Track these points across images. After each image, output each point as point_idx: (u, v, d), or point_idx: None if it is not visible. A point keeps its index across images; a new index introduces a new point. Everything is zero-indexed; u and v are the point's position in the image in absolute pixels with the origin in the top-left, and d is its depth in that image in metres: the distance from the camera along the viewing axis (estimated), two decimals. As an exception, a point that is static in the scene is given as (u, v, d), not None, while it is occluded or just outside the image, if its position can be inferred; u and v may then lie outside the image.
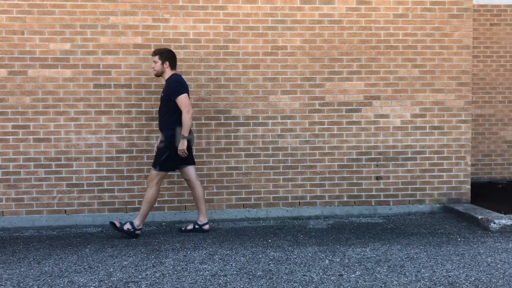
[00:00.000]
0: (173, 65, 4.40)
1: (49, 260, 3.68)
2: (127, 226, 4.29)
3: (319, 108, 5.11)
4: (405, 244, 3.99)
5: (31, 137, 4.81)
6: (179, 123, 4.29)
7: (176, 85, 4.28)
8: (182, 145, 4.26)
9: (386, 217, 5.10)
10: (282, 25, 5.02)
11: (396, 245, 3.96)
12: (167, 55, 4.35)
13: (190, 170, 4.47)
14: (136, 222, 4.30)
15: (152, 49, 4.88)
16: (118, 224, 4.28)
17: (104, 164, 4.90)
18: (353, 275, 3.19)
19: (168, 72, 4.38)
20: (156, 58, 4.34)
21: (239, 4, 4.96)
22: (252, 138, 5.07)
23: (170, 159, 4.29)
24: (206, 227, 4.50)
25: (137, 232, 4.31)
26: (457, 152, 5.27)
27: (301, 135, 5.11)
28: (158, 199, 4.96)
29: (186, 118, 4.24)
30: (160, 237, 4.36)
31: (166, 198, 4.98)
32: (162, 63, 4.34)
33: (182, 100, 4.25)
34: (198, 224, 4.50)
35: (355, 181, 5.18)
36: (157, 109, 4.93)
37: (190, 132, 4.35)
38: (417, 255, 3.64)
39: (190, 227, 4.52)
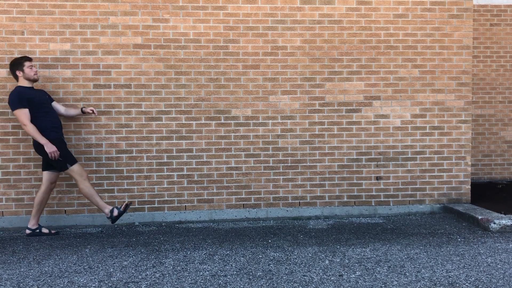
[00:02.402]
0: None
1: (49, 260, 3.67)
2: None
3: (319, 108, 5.11)
4: (405, 244, 3.98)
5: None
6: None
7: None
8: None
9: (386, 217, 5.10)
10: (282, 25, 5.02)
11: (396, 245, 3.96)
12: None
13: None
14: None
15: (152, 49, 4.89)
16: None
17: (104, 164, 4.90)
18: (353, 276, 3.19)
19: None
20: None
21: (239, 4, 4.96)
22: (252, 138, 5.07)
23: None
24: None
25: None
26: (457, 152, 5.27)
27: (301, 135, 5.11)
28: (158, 199, 4.97)
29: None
30: (160, 237, 4.36)
31: (166, 198, 4.98)
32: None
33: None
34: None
35: (355, 181, 5.18)
36: (157, 109, 4.93)
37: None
38: (417, 255, 3.64)
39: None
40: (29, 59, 4.45)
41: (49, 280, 3.20)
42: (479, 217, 4.52)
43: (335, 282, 3.06)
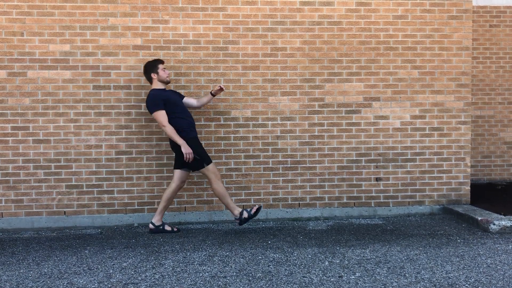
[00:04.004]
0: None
1: (48, 262, 3.67)
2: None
3: (319, 109, 5.11)
4: (405, 245, 3.98)
5: (30, 138, 4.80)
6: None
7: None
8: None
9: (385, 219, 5.10)
10: (281, 27, 5.03)
11: (396, 246, 3.96)
12: None
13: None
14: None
15: (152, 50, 4.89)
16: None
17: (104, 165, 4.90)
18: (353, 277, 3.19)
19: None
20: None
21: (239, 6, 4.97)
22: (252, 140, 5.07)
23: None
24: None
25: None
26: (457, 153, 5.27)
27: (301, 137, 5.11)
28: (157, 200, 4.96)
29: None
30: (159, 239, 4.36)
31: (166, 199, 4.98)
32: None
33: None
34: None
35: (354, 182, 5.18)
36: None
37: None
38: (417, 257, 3.63)
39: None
40: (162, 62, 4.53)
41: (48, 282, 3.19)
42: (479, 218, 4.52)
43: (335, 283, 3.06)
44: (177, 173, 4.53)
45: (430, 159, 5.25)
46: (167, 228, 4.57)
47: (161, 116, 4.35)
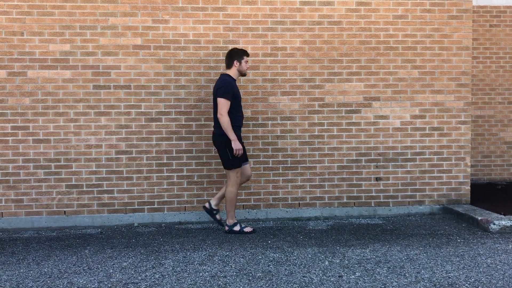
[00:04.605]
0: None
1: (48, 261, 3.67)
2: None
3: (319, 109, 5.11)
4: (405, 245, 3.98)
5: (30, 138, 4.80)
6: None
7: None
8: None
9: (385, 218, 5.10)
10: (281, 26, 5.03)
11: (396, 246, 3.96)
12: None
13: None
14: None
15: (152, 50, 4.89)
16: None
17: (104, 165, 4.90)
18: (353, 276, 3.19)
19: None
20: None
21: (239, 5, 4.97)
22: (252, 139, 5.06)
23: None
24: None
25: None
26: (457, 153, 5.27)
27: (301, 136, 5.11)
28: (157, 200, 4.97)
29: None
30: (159, 238, 4.36)
31: (166, 199, 4.98)
32: None
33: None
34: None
35: (354, 182, 5.18)
36: (157, 110, 4.93)
37: None
38: (417, 256, 3.63)
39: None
40: (248, 55, 4.50)
41: (48, 281, 3.19)
42: (479, 218, 4.52)
43: (335, 283, 3.06)
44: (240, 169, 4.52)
45: (430, 158, 5.25)
46: (241, 228, 4.53)
47: (226, 105, 4.26)
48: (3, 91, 4.76)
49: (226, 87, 4.26)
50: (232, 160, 4.34)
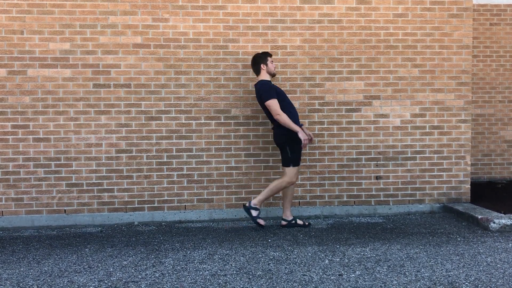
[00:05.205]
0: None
1: (48, 260, 3.67)
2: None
3: (319, 107, 5.11)
4: (405, 243, 3.99)
5: (30, 136, 4.80)
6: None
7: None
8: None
9: (385, 217, 5.10)
10: (281, 25, 5.02)
11: (396, 244, 3.96)
12: None
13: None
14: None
15: (152, 49, 4.88)
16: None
17: (104, 163, 4.90)
18: (353, 275, 3.19)
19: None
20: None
21: (239, 4, 4.96)
22: (252, 138, 5.06)
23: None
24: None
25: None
26: (457, 151, 5.27)
27: (301, 135, 5.10)
28: (158, 199, 4.97)
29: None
30: (159, 237, 4.36)
31: (166, 198, 4.98)
32: None
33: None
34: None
35: (354, 180, 5.18)
36: (157, 109, 4.93)
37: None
38: (417, 255, 3.64)
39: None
40: (270, 55, 4.61)
41: (48, 280, 3.20)
42: (479, 217, 4.53)
43: (335, 282, 3.06)
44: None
45: (430, 157, 5.25)
46: (299, 222, 4.64)
47: (276, 104, 4.36)
48: (3, 90, 4.76)
49: (266, 89, 4.40)
50: (292, 159, 4.44)
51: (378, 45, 5.14)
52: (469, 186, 5.32)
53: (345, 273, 3.24)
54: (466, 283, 2.99)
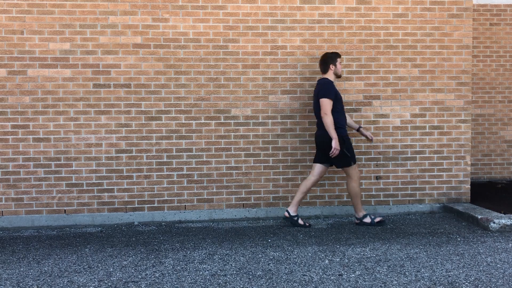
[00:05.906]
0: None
1: (48, 260, 3.67)
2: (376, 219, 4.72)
3: (319, 107, 5.10)
4: (405, 244, 3.99)
5: (30, 136, 4.80)
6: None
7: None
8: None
9: (385, 217, 5.10)
10: (282, 25, 5.02)
11: (396, 245, 3.96)
12: None
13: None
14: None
15: (152, 49, 4.88)
16: (368, 220, 4.67)
17: (104, 164, 4.90)
18: (353, 275, 3.19)
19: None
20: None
21: (239, 4, 4.96)
22: (252, 138, 5.06)
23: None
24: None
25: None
26: (457, 151, 5.27)
27: (301, 135, 5.10)
28: (158, 199, 4.97)
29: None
30: (159, 237, 4.36)
31: (166, 198, 4.98)
32: None
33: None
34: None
35: (355, 180, 5.18)
36: (157, 109, 4.93)
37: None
38: (417, 255, 3.64)
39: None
40: (340, 56, 4.68)
41: (48, 280, 3.20)
42: (479, 217, 4.53)
43: (335, 282, 3.06)
44: (318, 167, 4.63)
45: (430, 157, 5.25)
46: (300, 221, 4.65)
47: (329, 104, 4.43)
48: (3, 90, 4.76)
49: (328, 88, 4.46)
50: (351, 157, 4.53)
51: (378, 45, 5.14)
52: (469, 186, 5.32)
53: (345, 273, 3.24)
54: (466, 283, 2.99)
